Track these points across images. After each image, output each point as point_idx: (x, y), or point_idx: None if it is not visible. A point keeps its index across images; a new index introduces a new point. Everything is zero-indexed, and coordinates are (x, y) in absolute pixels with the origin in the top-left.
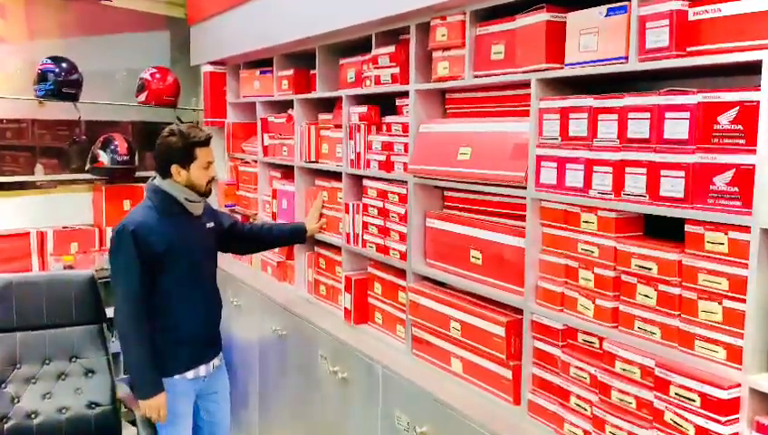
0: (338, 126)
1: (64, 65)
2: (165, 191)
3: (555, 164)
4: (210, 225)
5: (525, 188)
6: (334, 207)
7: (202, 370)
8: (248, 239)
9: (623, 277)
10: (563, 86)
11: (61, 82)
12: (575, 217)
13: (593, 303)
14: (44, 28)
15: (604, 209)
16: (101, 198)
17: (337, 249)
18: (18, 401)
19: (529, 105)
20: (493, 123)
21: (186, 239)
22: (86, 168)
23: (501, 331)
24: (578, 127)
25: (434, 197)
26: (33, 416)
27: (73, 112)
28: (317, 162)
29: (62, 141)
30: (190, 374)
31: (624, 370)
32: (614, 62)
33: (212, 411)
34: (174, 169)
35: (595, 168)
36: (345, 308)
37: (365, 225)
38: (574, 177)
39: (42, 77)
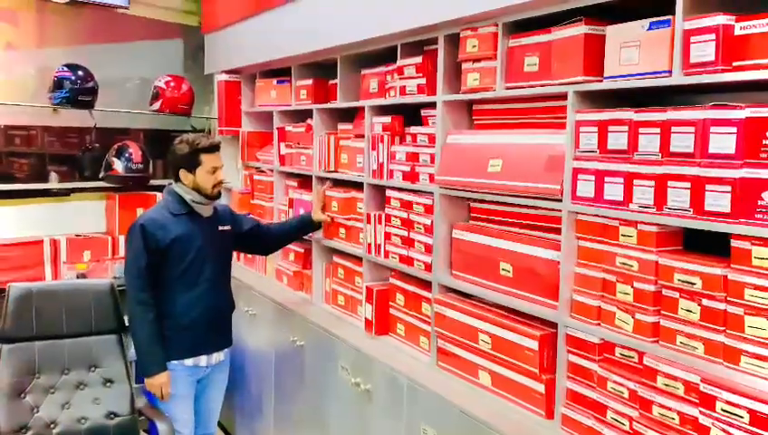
0: (358, 136)
1: (81, 73)
2: (177, 193)
3: (593, 177)
4: (225, 227)
5: (561, 200)
6: (353, 217)
7: (203, 360)
8: (269, 238)
9: (664, 292)
10: (599, 99)
11: (77, 89)
12: (613, 230)
13: (632, 317)
14: (56, 35)
15: (645, 223)
16: (115, 205)
17: (356, 259)
18: (37, 412)
19: (562, 117)
20: (525, 135)
21: (190, 237)
22: (100, 175)
23: (534, 344)
24: (617, 140)
25: (460, 208)
26: (52, 426)
27: (86, 120)
28: (336, 172)
29: (73, 149)
30: (189, 362)
31: (666, 385)
32: (657, 75)
33: (200, 400)
34: (182, 173)
35: (635, 181)
36: (366, 319)
37: (387, 235)
38: (613, 190)
39: (57, 84)
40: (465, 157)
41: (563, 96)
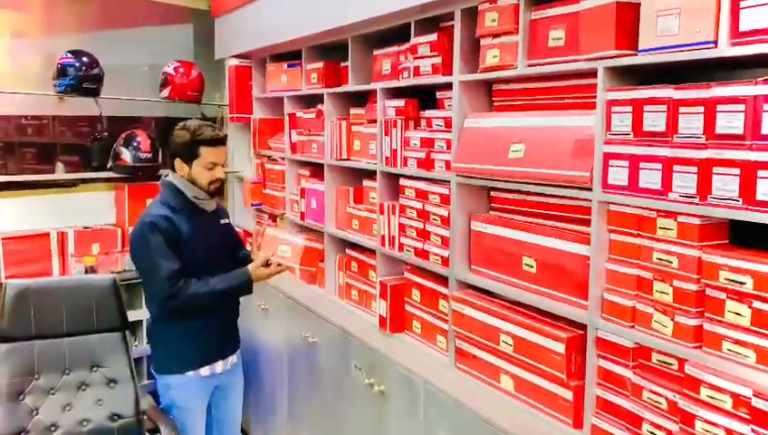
0: (371, 121)
1: (85, 59)
2: (176, 187)
3: (627, 163)
4: (225, 221)
5: (590, 189)
6: (367, 208)
7: (219, 366)
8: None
9: (708, 292)
10: (633, 75)
11: (81, 76)
12: (650, 222)
13: (671, 319)
14: (64, 22)
15: (686, 214)
16: (124, 196)
17: (370, 252)
18: (37, 414)
19: (592, 97)
20: (550, 117)
21: (197, 236)
22: (108, 165)
23: (560, 347)
24: (654, 121)
25: (479, 197)
26: (52, 429)
27: (94, 108)
28: (348, 160)
29: (82, 138)
30: (205, 371)
31: (711, 397)
32: (700, 47)
33: (222, 408)
34: (177, 162)
35: (675, 167)
36: (380, 315)
37: (402, 227)
38: (650, 177)
39: (61, 72)
40: (484, 142)
41: (593, 73)
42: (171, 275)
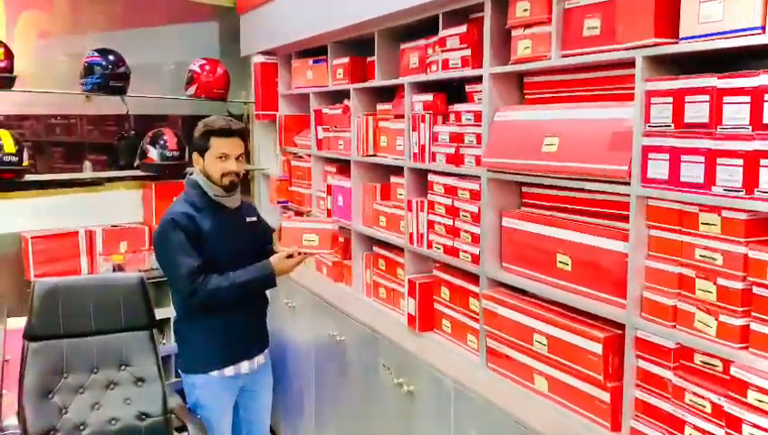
0: (398, 116)
1: (111, 57)
2: (197, 183)
3: (667, 156)
4: (251, 219)
5: (629, 183)
6: (395, 205)
7: (244, 366)
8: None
9: (755, 290)
10: (673, 64)
11: (108, 75)
12: (692, 217)
13: (715, 319)
14: (90, 21)
15: (731, 209)
16: (151, 195)
17: (398, 250)
18: (66, 413)
19: (629, 87)
20: (585, 109)
21: (220, 234)
22: (135, 164)
23: (597, 347)
24: (697, 112)
25: (510, 193)
26: (81, 428)
27: (121, 107)
28: (375, 156)
29: (110, 137)
30: (230, 371)
31: (760, 401)
32: (747, 33)
33: (250, 408)
34: (194, 156)
35: (719, 160)
36: (408, 314)
37: (430, 224)
38: (692, 171)
39: (88, 70)
40: (515, 136)
41: (630, 63)
42: (191, 272)
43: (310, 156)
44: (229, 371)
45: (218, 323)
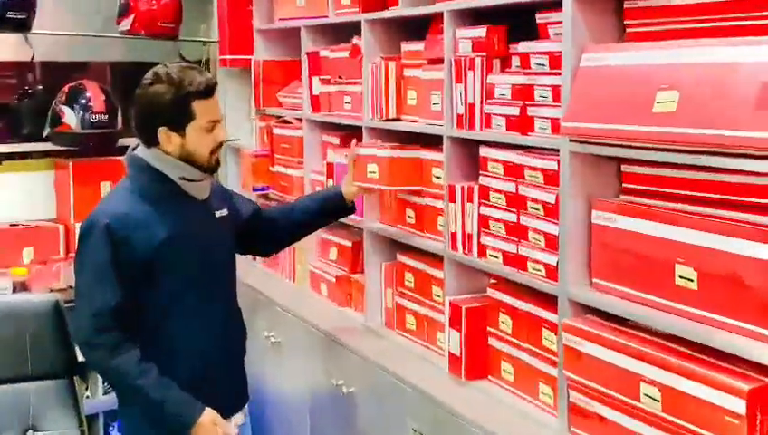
0: (434, 61)
1: None
2: (152, 167)
3: None
4: (222, 213)
5: None
6: (429, 192)
7: None
8: (273, 230)
9: None
10: None
11: (4, 3)
12: None
13: None
14: None
15: None
16: (68, 178)
17: (435, 258)
18: None
19: None
20: (717, 48)
21: (187, 237)
22: (44, 133)
23: (739, 405)
24: None
25: (604, 175)
26: None
27: (24, 50)
28: (399, 120)
29: (6, 95)
30: None
31: None
32: None
33: None
34: (162, 133)
35: None
36: (450, 353)
37: (483, 221)
38: None
39: None
40: (613, 89)
41: None
42: (101, 313)
43: (301, 120)
44: None
45: (176, 369)
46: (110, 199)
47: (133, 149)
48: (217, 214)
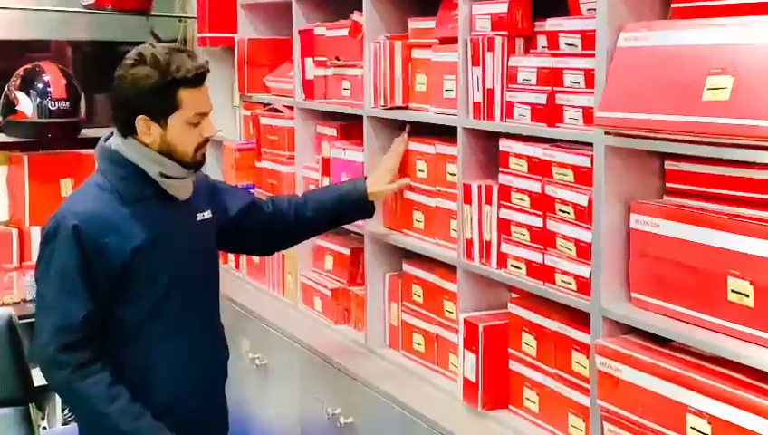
0: (447, 41)
1: None
2: (128, 160)
3: None
4: (204, 216)
5: None
6: (440, 192)
7: None
8: (276, 225)
9: None
10: None
11: None
12: None
13: None
14: None
15: None
16: (23, 174)
17: (447, 269)
18: None
19: None
20: None
21: (164, 243)
22: None
23: None
24: None
25: (645, 173)
26: None
27: None
28: (406, 108)
29: None
30: None
31: None
32: None
33: None
34: (141, 122)
35: None
36: (465, 379)
37: (504, 226)
38: None
39: None
40: (655, 74)
41: None
42: (67, 327)
43: (292, 108)
44: None
45: (148, 395)
46: (78, 197)
47: (106, 140)
48: (199, 217)
